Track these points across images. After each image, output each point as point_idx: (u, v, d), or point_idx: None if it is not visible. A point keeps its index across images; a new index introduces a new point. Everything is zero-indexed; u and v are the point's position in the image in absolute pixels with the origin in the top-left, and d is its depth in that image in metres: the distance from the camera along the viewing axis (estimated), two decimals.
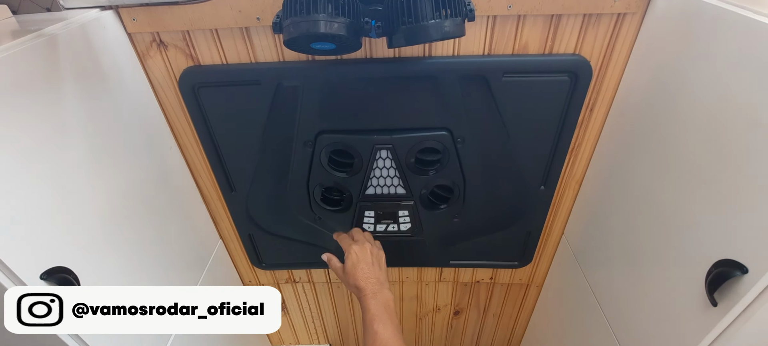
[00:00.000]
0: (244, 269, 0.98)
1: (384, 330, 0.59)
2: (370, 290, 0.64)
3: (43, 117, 0.45)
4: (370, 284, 0.66)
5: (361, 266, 0.68)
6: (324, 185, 0.74)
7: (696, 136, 0.46)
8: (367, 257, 0.69)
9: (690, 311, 0.45)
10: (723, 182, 0.42)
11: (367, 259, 0.69)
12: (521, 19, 0.56)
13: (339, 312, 1.15)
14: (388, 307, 0.63)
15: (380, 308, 0.62)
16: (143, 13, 0.56)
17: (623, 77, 0.61)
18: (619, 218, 0.63)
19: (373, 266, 0.69)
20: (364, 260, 0.69)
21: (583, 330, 0.75)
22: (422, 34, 0.46)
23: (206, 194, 0.80)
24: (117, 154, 0.57)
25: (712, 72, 0.44)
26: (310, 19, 0.45)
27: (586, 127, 0.67)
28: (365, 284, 0.66)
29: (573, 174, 0.75)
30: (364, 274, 0.67)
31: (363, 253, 0.70)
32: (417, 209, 0.76)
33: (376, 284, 0.66)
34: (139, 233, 0.61)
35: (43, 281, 0.43)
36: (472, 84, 0.61)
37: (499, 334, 1.19)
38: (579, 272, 0.76)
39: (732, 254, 0.40)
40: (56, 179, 0.46)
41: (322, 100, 0.63)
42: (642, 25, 0.56)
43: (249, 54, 0.61)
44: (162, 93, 0.65)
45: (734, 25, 0.41)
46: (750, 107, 0.39)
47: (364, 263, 0.68)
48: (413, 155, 0.68)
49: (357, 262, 0.68)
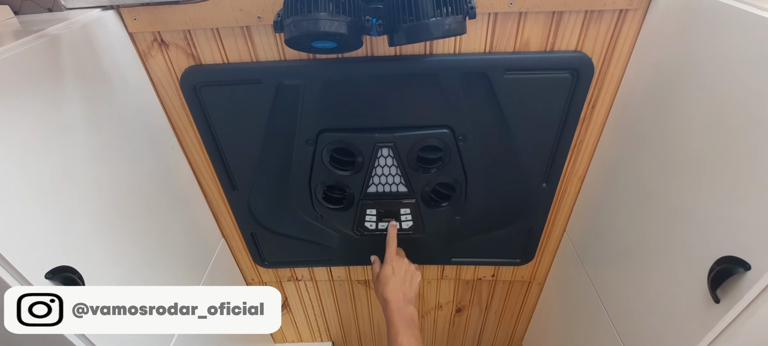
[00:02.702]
0: (246, 267, 0.99)
1: (408, 343, 0.61)
2: (396, 305, 0.66)
3: (46, 117, 0.45)
4: (398, 299, 0.67)
5: (393, 280, 0.69)
6: (326, 183, 0.74)
7: (698, 132, 0.46)
8: (402, 272, 0.71)
9: (692, 307, 0.45)
10: (725, 179, 0.42)
11: (401, 274, 0.70)
12: (522, 16, 0.56)
13: (341, 310, 1.15)
14: (412, 322, 0.65)
15: (404, 322, 0.64)
16: (144, 12, 0.56)
17: (625, 73, 0.60)
18: (622, 214, 0.63)
19: (404, 283, 0.70)
20: (399, 275, 0.70)
21: (586, 327, 0.75)
22: (423, 32, 0.46)
23: (208, 193, 0.81)
24: (119, 153, 0.57)
25: (715, 68, 0.44)
26: (311, 17, 0.45)
27: (587, 124, 0.67)
28: (393, 297, 0.67)
29: (575, 171, 0.74)
30: (395, 287, 0.68)
31: (399, 267, 0.71)
32: (419, 206, 0.76)
33: (404, 299, 0.67)
34: (142, 231, 0.61)
35: (47, 280, 0.43)
36: (474, 82, 0.61)
37: (501, 331, 1.19)
38: (581, 269, 0.76)
39: (734, 251, 0.40)
40: (59, 178, 0.46)
41: (324, 98, 0.63)
42: (644, 21, 0.55)
43: (250, 53, 0.61)
44: (163, 92, 0.65)
45: (736, 20, 0.41)
46: (753, 103, 0.39)
47: (397, 278, 0.70)
48: (415, 153, 0.68)
49: (391, 274, 0.70)
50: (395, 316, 0.64)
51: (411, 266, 0.73)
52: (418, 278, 0.73)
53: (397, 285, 0.69)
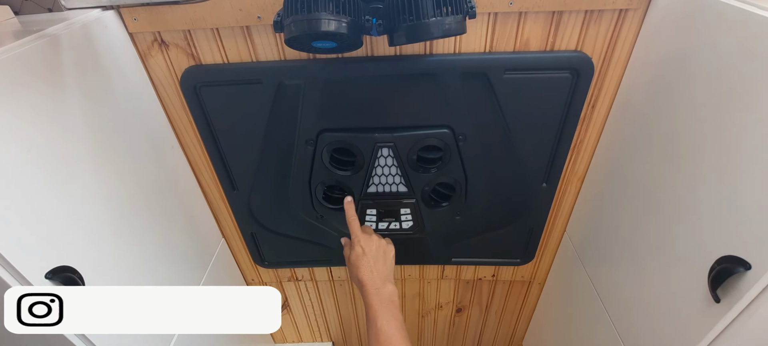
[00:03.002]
0: (246, 268, 0.99)
1: (387, 326, 0.57)
2: (372, 285, 0.62)
3: (46, 117, 0.45)
4: (374, 278, 0.63)
5: (365, 259, 0.65)
6: (326, 183, 0.74)
7: (698, 132, 0.46)
8: (373, 250, 0.66)
9: (693, 307, 0.45)
10: (726, 178, 0.42)
11: (372, 251, 0.66)
12: (522, 16, 0.56)
13: (341, 310, 1.15)
14: (392, 302, 0.61)
15: (383, 303, 0.60)
16: (144, 12, 0.56)
17: (625, 73, 0.60)
18: (622, 214, 0.63)
19: (377, 261, 0.65)
20: (370, 253, 0.66)
21: (586, 327, 0.75)
22: (423, 31, 0.46)
23: (208, 193, 0.81)
24: (119, 154, 0.57)
25: (715, 67, 0.44)
26: (311, 17, 0.45)
27: (588, 124, 0.67)
28: (368, 278, 0.63)
29: (575, 171, 0.74)
30: (368, 267, 0.64)
31: (369, 245, 0.67)
32: (419, 206, 0.76)
33: (379, 279, 0.63)
34: (142, 231, 0.61)
35: (47, 280, 0.43)
36: (474, 81, 0.60)
37: (501, 331, 1.19)
38: (581, 269, 0.76)
39: (735, 251, 0.40)
40: (59, 178, 0.46)
41: (324, 98, 0.63)
42: (644, 20, 0.55)
43: (250, 53, 0.61)
44: (163, 92, 0.65)
45: (736, 20, 0.41)
46: (753, 103, 0.39)
47: (369, 256, 0.65)
48: (415, 153, 0.68)
49: (361, 254, 0.65)
50: (373, 299, 0.60)
51: (381, 241, 0.69)
52: (392, 252, 0.69)
53: (370, 264, 0.64)
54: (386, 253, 0.68)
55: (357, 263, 0.65)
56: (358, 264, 0.65)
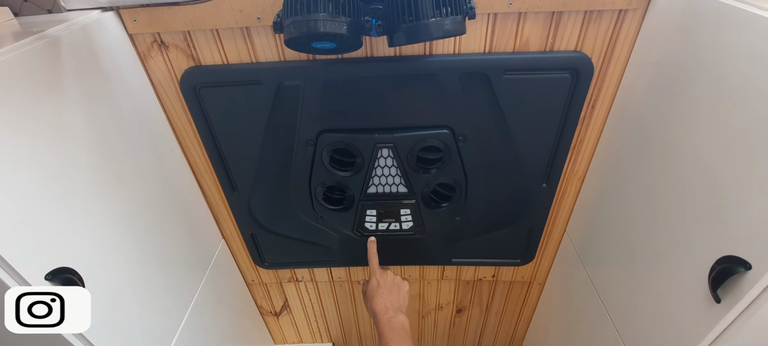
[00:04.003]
0: (246, 269, 0.99)
1: None
2: (385, 316, 0.66)
3: (46, 118, 0.45)
4: (387, 310, 0.67)
5: (380, 292, 0.69)
6: (326, 184, 0.74)
7: (698, 132, 0.46)
8: (387, 283, 0.71)
9: (693, 307, 0.45)
10: (726, 178, 0.42)
11: (386, 284, 0.70)
12: (522, 17, 0.56)
13: (341, 311, 1.15)
14: (403, 330, 0.64)
15: (394, 331, 0.63)
16: (144, 13, 0.56)
17: (625, 73, 0.60)
18: (622, 214, 0.63)
19: (391, 292, 0.70)
20: (384, 285, 0.70)
21: (586, 327, 0.75)
22: (423, 32, 0.46)
23: (208, 194, 0.80)
24: (119, 155, 0.57)
25: (714, 67, 0.44)
26: (311, 18, 0.45)
27: (587, 124, 0.67)
28: (381, 309, 0.67)
29: (575, 171, 0.74)
30: (382, 299, 0.68)
31: (384, 279, 0.71)
32: (419, 207, 0.76)
33: (392, 309, 0.67)
34: (142, 233, 0.61)
35: (47, 281, 0.43)
36: (473, 82, 0.60)
37: (501, 332, 1.19)
38: (581, 269, 0.76)
39: (735, 251, 0.40)
40: (59, 180, 0.46)
41: (323, 99, 0.63)
42: (643, 21, 0.55)
43: (250, 54, 0.61)
44: (163, 93, 0.65)
45: (736, 20, 0.41)
46: (753, 103, 0.39)
47: (383, 289, 0.70)
48: (415, 154, 0.68)
49: (377, 286, 0.70)
50: (385, 328, 0.64)
51: (396, 277, 0.73)
52: (406, 287, 0.73)
53: (384, 296, 0.69)
54: (400, 287, 0.72)
55: (372, 294, 0.70)
56: (372, 295, 0.69)
